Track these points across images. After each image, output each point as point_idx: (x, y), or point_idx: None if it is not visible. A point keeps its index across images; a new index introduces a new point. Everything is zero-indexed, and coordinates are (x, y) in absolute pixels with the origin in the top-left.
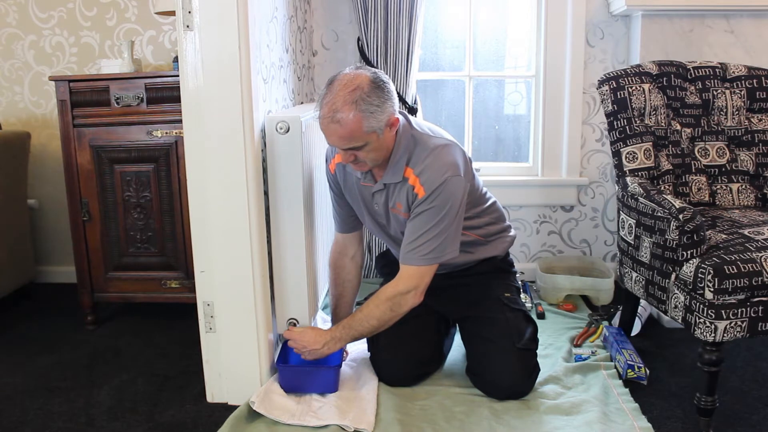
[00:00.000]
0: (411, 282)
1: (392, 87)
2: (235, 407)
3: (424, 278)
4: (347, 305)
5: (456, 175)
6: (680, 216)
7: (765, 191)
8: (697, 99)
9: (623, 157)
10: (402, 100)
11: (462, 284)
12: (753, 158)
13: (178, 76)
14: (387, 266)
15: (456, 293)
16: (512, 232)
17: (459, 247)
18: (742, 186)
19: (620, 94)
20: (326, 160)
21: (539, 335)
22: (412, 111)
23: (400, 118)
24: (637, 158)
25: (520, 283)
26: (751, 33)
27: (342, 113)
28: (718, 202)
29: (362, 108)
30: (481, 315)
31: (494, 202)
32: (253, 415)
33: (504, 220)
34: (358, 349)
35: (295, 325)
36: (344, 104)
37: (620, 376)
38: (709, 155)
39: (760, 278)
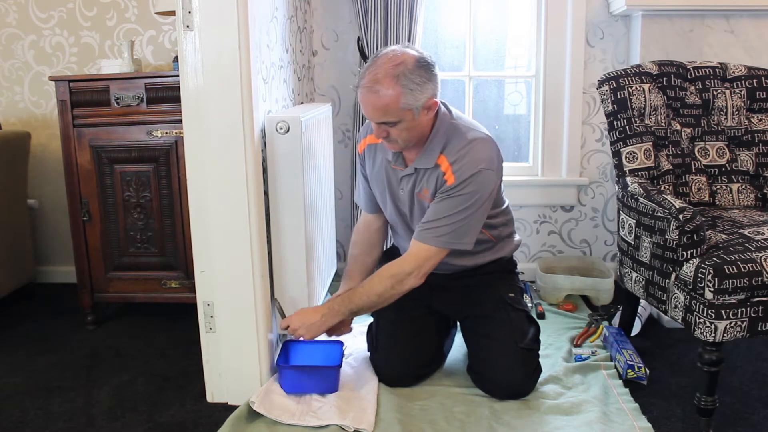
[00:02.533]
0: (416, 261)
1: (437, 70)
2: (235, 407)
3: (431, 260)
4: (363, 267)
5: (489, 169)
6: (680, 216)
7: (765, 191)
8: (697, 99)
9: (623, 157)
10: None
11: (465, 284)
12: (753, 158)
13: (178, 76)
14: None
15: (459, 292)
16: (518, 237)
17: (475, 239)
18: (742, 186)
19: (620, 94)
20: (357, 140)
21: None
22: None
23: (441, 106)
24: (637, 158)
25: (522, 284)
26: (751, 33)
27: (381, 85)
28: (718, 202)
29: (402, 83)
30: (483, 314)
31: (508, 205)
32: (253, 415)
33: (513, 224)
34: (358, 349)
35: (280, 308)
36: (385, 76)
37: (620, 376)
38: (709, 155)
39: (760, 278)
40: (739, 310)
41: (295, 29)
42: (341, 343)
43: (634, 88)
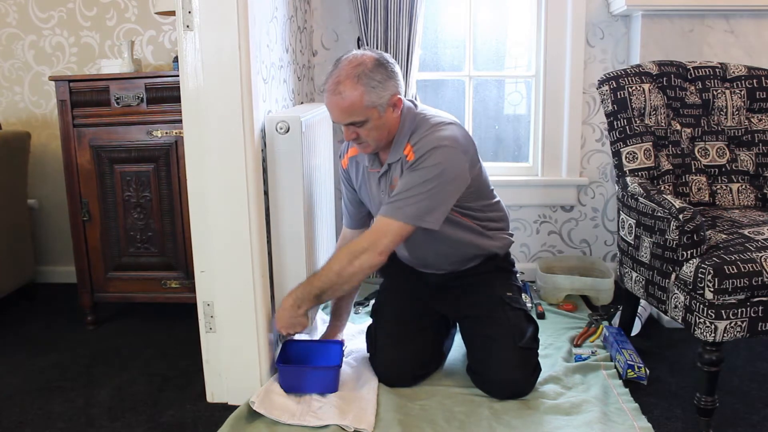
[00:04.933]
0: (373, 236)
1: (397, 69)
2: (235, 407)
3: (388, 236)
4: (349, 297)
5: (452, 147)
6: (680, 216)
7: (765, 191)
8: (697, 99)
9: (623, 157)
10: None
11: (463, 284)
12: (753, 158)
13: (178, 76)
14: (387, 266)
15: (457, 292)
16: (512, 234)
17: (441, 221)
18: (742, 186)
19: (620, 94)
20: (340, 156)
21: (539, 335)
22: None
23: (406, 101)
24: (637, 158)
25: (520, 282)
26: (751, 33)
27: (344, 86)
28: (718, 202)
29: (364, 82)
30: (482, 314)
31: (498, 201)
32: (253, 415)
33: (506, 220)
34: (358, 349)
35: None
36: (347, 78)
37: (620, 376)
38: (709, 155)
39: (760, 278)
40: (739, 310)
41: (295, 29)
42: (341, 343)
43: (634, 88)
